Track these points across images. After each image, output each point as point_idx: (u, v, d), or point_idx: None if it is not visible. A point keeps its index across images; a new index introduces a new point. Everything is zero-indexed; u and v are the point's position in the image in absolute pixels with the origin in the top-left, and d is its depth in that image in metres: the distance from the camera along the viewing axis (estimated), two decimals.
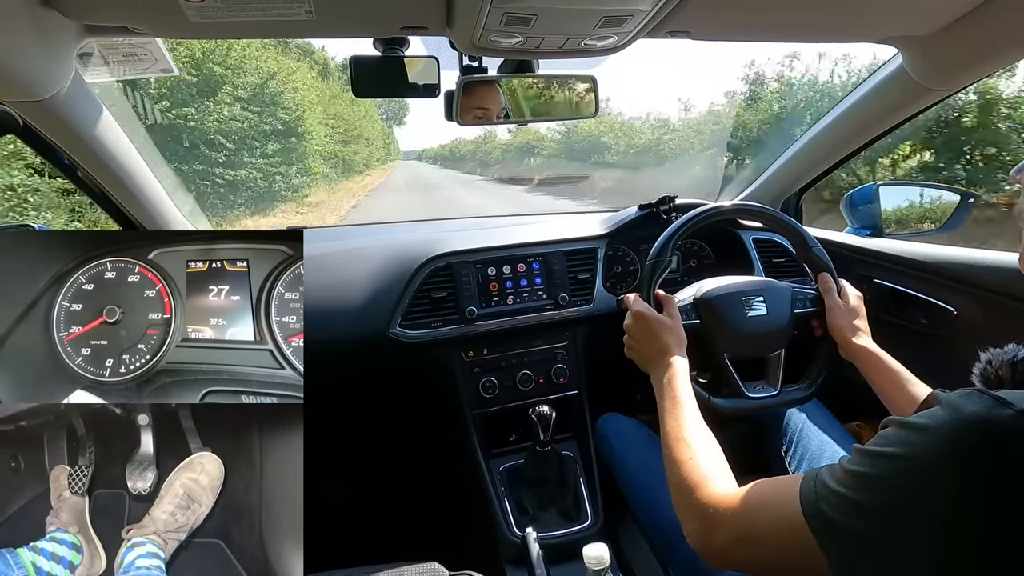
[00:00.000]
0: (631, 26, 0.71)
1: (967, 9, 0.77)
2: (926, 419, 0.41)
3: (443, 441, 1.29)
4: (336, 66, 17.55)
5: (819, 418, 1.04)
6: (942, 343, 1.10)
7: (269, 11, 0.67)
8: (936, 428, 0.39)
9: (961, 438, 0.38)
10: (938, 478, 0.38)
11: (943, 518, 0.38)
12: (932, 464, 0.39)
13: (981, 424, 0.37)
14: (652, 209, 1.30)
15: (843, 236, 1.31)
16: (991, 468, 0.36)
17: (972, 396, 0.39)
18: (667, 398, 0.78)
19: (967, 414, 0.38)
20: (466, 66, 0.88)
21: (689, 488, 0.62)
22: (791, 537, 0.47)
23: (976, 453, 0.37)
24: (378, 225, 1.69)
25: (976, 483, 0.37)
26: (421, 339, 1.13)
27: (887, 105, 1.07)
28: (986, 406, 0.38)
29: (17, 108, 0.80)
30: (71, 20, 0.69)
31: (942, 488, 0.38)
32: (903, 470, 0.40)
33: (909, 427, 0.42)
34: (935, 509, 0.38)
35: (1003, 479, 0.36)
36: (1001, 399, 0.38)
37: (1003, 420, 0.37)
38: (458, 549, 0.91)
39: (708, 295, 0.98)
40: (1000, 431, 0.37)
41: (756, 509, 0.54)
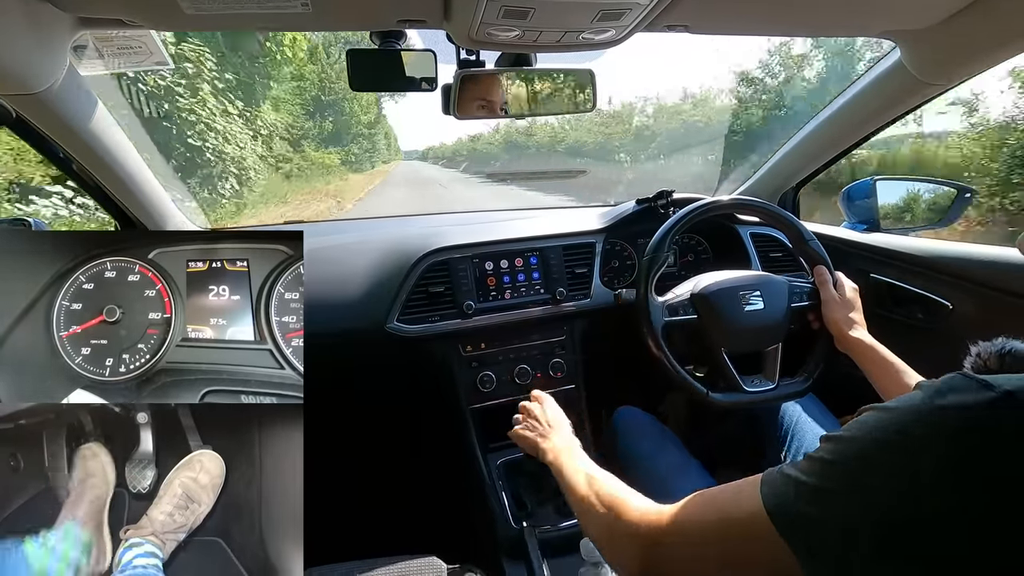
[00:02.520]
0: (629, 19, 0.71)
1: (965, 3, 0.77)
2: (900, 401, 0.39)
3: (441, 435, 1.29)
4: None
5: (815, 412, 1.05)
6: (938, 337, 1.11)
7: (265, 3, 0.66)
8: (909, 408, 0.38)
9: (941, 419, 0.37)
10: (915, 459, 0.36)
11: (916, 498, 0.36)
12: (909, 444, 0.37)
13: (963, 405, 0.36)
14: (650, 203, 1.30)
15: (840, 231, 1.32)
16: (973, 449, 0.35)
17: (955, 378, 0.38)
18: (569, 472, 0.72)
19: (949, 396, 0.37)
20: (464, 59, 0.87)
21: (612, 514, 0.59)
22: (751, 535, 0.43)
23: (957, 434, 0.36)
24: (375, 219, 1.68)
25: (957, 464, 0.35)
26: (418, 334, 1.13)
27: (884, 100, 1.07)
28: (968, 387, 0.37)
29: (10, 101, 0.80)
30: (65, 12, 0.69)
31: (920, 469, 0.36)
32: (869, 451, 0.39)
33: (882, 409, 0.40)
34: (909, 491, 0.36)
35: (985, 459, 0.35)
36: (984, 381, 0.36)
37: (986, 402, 0.35)
38: (456, 543, 0.92)
39: (705, 290, 0.98)
40: (983, 413, 0.35)
41: (709, 513, 0.50)
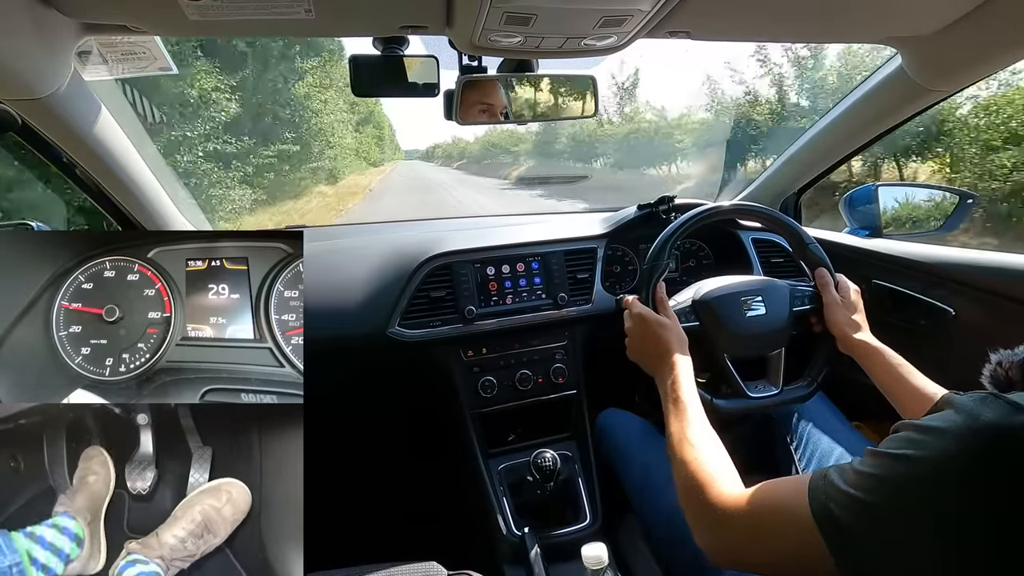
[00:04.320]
0: (631, 26, 0.71)
1: (966, 10, 0.77)
2: (940, 422, 0.40)
3: (442, 441, 1.29)
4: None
5: (829, 417, 1.04)
6: (940, 343, 1.10)
7: (268, 9, 0.66)
8: (951, 432, 0.39)
9: (976, 443, 0.38)
10: (952, 482, 0.38)
11: (955, 522, 0.38)
12: (946, 468, 0.39)
13: (996, 430, 0.37)
14: (651, 209, 1.30)
15: (842, 236, 1.32)
16: (1005, 473, 0.36)
17: (987, 400, 0.39)
18: (671, 400, 0.77)
19: (982, 419, 0.38)
20: (466, 65, 0.88)
21: (697, 488, 0.62)
22: (799, 537, 0.46)
23: (990, 458, 0.37)
24: (377, 224, 1.69)
25: (990, 488, 0.37)
26: (420, 339, 1.13)
27: (886, 106, 1.08)
28: (1001, 412, 0.38)
29: (15, 106, 0.80)
30: (70, 18, 0.69)
31: (954, 492, 0.38)
32: (916, 473, 0.40)
33: (923, 430, 0.41)
34: (947, 513, 0.38)
35: (1017, 484, 0.36)
36: (1016, 404, 0.38)
37: (1018, 426, 0.37)
38: (457, 549, 0.91)
39: (707, 296, 0.98)
40: (1015, 437, 0.37)
41: (764, 509, 0.54)
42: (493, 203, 13.58)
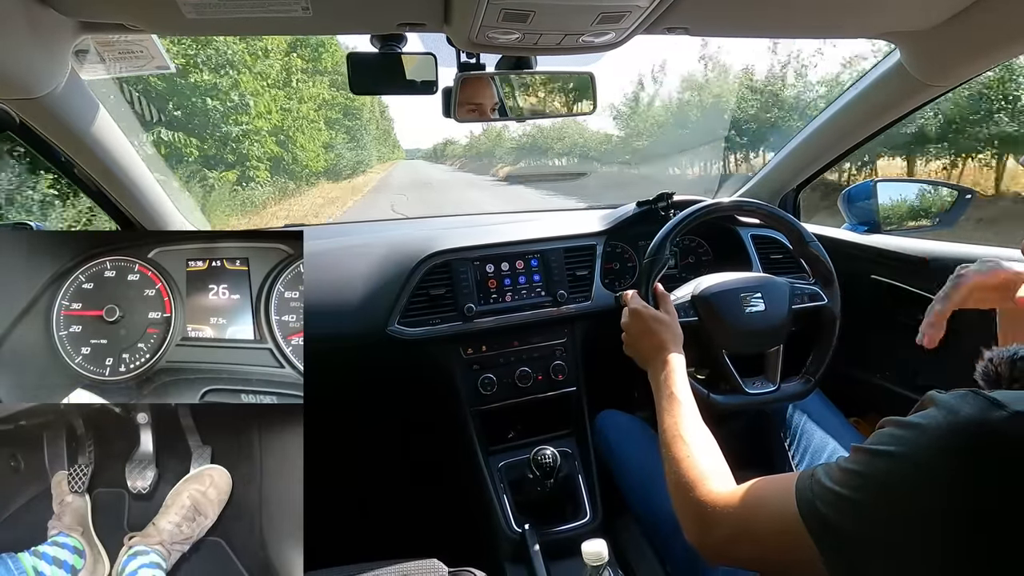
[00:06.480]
0: (629, 22, 0.71)
1: (965, 4, 0.77)
2: (921, 419, 0.41)
3: (442, 438, 1.29)
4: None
5: (824, 413, 1.04)
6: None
7: (266, 8, 0.66)
8: (931, 428, 0.40)
9: (955, 440, 0.38)
10: (932, 478, 0.39)
11: (936, 518, 0.38)
12: (926, 464, 0.39)
13: (975, 426, 0.38)
14: (650, 206, 1.30)
15: (841, 232, 1.32)
16: (984, 469, 0.37)
17: (967, 397, 0.40)
18: (664, 396, 0.78)
19: (962, 416, 0.38)
20: (464, 63, 0.88)
21: (687, 485, 0.62)
22: (787, 534, 0.47)
23: (970, 454, 0.37)
24: (376, 222, 1.69)
25: (969, 484, 0.37)
26: (419, 336, 1.13)
27: (885, 101, 1.07)
28: (980, 408, 0.38)
29: (13, 105, 0.80)
30: (67, 17, 0.69)
31: (936, 488, 0.38)
32: (898, 469, 0.41)
33: (905, 426, 0.42)
34: (929, 509, 0.38)
35: (996, 480, 0.36)
36: (995, 400, 0.38)
37: (997, 422, 0.37)
38: (458, 546, 0.92)
39: (706, 292, 0.98)
40: (994, 433, 0.37)
41: (753, 507, 0.54)
42: (496, 201, 13.55)
